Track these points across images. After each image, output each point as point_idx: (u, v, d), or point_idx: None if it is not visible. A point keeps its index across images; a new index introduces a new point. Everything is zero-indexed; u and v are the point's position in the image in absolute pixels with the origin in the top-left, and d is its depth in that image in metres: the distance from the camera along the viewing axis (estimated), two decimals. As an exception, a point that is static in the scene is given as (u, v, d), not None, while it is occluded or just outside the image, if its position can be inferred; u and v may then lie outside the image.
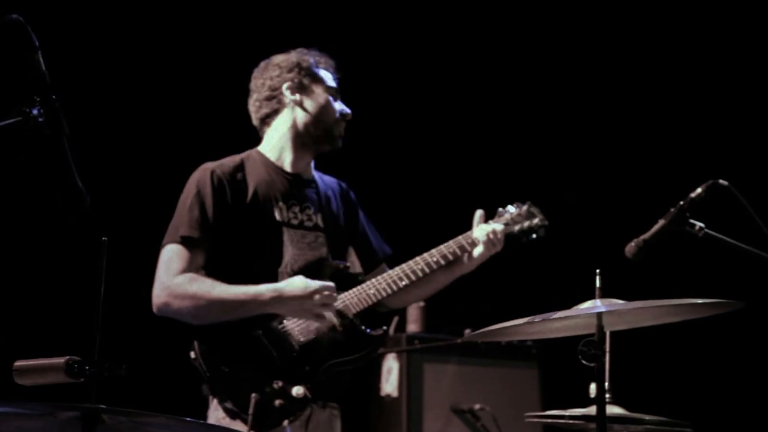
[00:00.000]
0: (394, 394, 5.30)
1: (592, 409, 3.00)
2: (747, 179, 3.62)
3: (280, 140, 4.06)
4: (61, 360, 2.43)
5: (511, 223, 4.18)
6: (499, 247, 4.09)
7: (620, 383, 3.12)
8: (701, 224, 3.40)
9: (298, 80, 4.05)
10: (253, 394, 3.60)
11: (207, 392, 3.83)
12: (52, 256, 5.12)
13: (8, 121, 2.43)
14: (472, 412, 5.27)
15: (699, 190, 3.41)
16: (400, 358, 5.32)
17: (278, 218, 3.95)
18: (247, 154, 4.05)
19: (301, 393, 3.75)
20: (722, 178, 3.42)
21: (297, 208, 4.00)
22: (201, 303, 3.78)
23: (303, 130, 4.04)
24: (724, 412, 5.64)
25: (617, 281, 3.09)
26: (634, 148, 6.12)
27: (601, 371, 2.88)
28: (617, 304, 2.91)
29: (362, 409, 5.41)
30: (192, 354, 3.80)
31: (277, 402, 3.73)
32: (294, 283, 3.83)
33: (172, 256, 3.83)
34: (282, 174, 4.03)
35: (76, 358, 2.42)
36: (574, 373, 3.02)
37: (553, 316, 2.90)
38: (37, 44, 2.46)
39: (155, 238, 3.92)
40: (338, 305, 3.90)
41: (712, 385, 5.82)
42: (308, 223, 4.00)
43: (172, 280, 3.80)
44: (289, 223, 3.96)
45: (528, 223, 4.20)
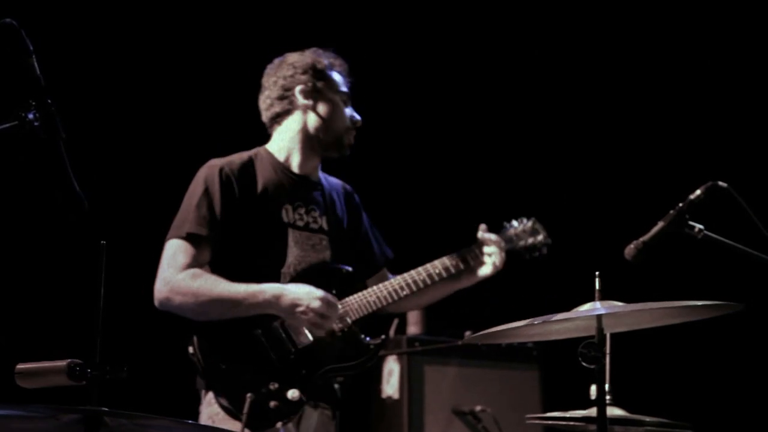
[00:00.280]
0: (395, 396, 5.30)
1: (593, 411, 2.99)
2: (746, 181, 3.63)
3: (289, 141, 4.05)
4: (63, 363, 2.43)
5: (514, 238, 4.21)
6: (502, 267, 4.15)
7: (621, 385, 3.11)
8: (700, 226, 3.39)
9: (312, 84, 4.03)
10: (249, 394, 3.59)
11: (201, 386, 3.83)
12: (52, 260, 5.12)
13: (4, 126, 2.43)
14: (473, 413, 5.27)
15: (698, 191, 3.40)
16: (400, 360, 5.31)
17: (285, 219, 3.95)
18: (255, 152, 4.03)
19: (296, 396, 3.75)
20: (721, 180, 3.42)
21: (303, 210, 4.00)
22: (203, 300, 3.78)
23: (313, 134, 4.03)
24: (724, 414, 5.64)
25: (617, 283, 3.09)
26: (633, 150, 6.12)
27: (602, 373, 2.88)
28: (617, 306, 2.91)
29: (363, 411, 5.41)
30: (190, 348, 3.80)
31: (272, 403, 3.74)
32: (299, 287, 3.83)
33: (176, 251, 3.83)
34: (289, 175, 4.02)
35: (78, 361, 2.43)
36: (574, 375, 3.02)
37: (553, 318, 2.90)
38: (32, 48, 2.46)
39: (155, 239, 3.92)
40: (338, 311, 3.90)
41: (713, 387, 5.82)
42: (313, 226, 4.00)
43: (176, 276, 3.80)
44: (294, 225, 3.96)
45: (532, 239, 4.24)
